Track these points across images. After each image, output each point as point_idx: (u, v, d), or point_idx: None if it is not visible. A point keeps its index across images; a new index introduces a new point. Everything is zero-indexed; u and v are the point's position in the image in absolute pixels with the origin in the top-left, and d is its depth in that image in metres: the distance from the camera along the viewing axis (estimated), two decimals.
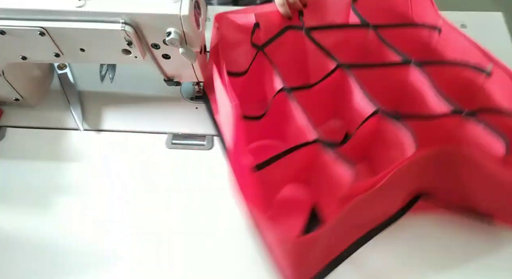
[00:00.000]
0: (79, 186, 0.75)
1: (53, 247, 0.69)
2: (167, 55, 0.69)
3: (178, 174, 0.76)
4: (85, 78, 0.86)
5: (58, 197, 0.73)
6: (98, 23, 0.63)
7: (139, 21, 0.63)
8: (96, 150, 0.78)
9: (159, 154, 0.78)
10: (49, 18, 0.64)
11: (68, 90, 0.84)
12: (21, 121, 0.81)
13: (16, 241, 0.69)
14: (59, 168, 0.76)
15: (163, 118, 0.82)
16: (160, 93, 0.84)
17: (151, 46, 0.67)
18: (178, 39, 0.63)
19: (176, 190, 0.74)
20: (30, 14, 0.63)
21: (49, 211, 0.72)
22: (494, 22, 0.96)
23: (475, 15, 0.97)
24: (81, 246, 0.69)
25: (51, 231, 0.70)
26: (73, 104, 0.82)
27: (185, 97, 0.84)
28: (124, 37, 0.64)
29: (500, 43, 0.93)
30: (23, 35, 0.65)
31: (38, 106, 0.83)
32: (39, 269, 0.67)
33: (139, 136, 0.80)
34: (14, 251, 0.68)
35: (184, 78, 0.78)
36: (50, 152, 0.78)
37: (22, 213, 0.72)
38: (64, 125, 0.81)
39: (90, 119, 0.81)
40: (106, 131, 0.81)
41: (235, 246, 0.69)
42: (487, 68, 0.70)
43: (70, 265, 0.67)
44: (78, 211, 0.72)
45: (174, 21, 0.62)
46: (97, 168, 0.76)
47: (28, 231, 0.70)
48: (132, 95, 0.85)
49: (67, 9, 0.63)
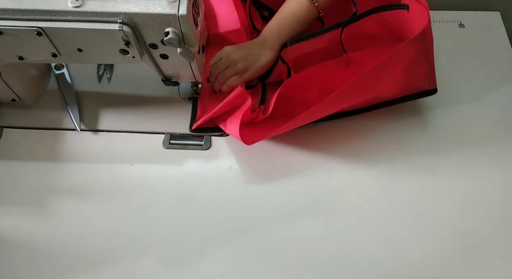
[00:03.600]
0: (76, 186, 0.74)
1: (48, 247, 0.69)
2: (165, 55, 0.69)
3: (176, 174, 0.76)
4: (83, 78, 0.86)
5: (54, 198, 0.73)
6: (96, 23, 0.63)
7: (137, 21, 0.63)
8: (93, 150, 0.78)
9: (156, 154, 0.78)
10: (46, 18, 0.63)
11: (65, 91, 0.84)
12: (18, 122, 0.81)
13: (11, 241, 0.69)
14: (56, 168, 0.76)
15: (161, 118, 0.81)
16: (158, 93, 0.84)
17: (149, 46, 0.67)
18: (176, 39, 0.63)
19: (174, 190, 0.74)
20: (27, 14, 0.63)
21: (45, 212, 0.72)
22: (491, 22, 0.96)
23: (472, 14, 0.98)
24: (77, 247, 0.69)
25: (47, 231, 0.70)
26: (70, 104, 0.82)
27: (183, 97, 0.84)
28: (122, 37, 0.63)
29: (498, 42, 0.93)
30: (20, 35, 0.65)
31: (35, 106, 0.83)
32: (35, 270, 0.67)
33: (136, 136, 0.80)
34: (9, 252, 0.68)
35: (182, 78, 0.78)
36: (47, 152, 0.78)
37: (18, 214, 0.72)
38: (61, 126, 0.80)
39: (87, 119, 0.81)
40: (104, 132, 0.80)
41: (234, 245, 0.69)
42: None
43: (67, 266, 0.67)
44: (75, 211, 0.72)
45: (172, 21, 0.62)
46: (94, 168, 0.76)
47: (24, 231, 0.70)
48: (130, 95, 0.84)
49: (64, 9, 0.62)
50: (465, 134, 0.80)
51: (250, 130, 0.76)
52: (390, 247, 0.70)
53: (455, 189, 0.75)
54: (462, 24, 0.96)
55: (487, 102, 0.85)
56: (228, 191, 0.75)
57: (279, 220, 0.72)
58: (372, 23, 0.77)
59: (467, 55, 0.90)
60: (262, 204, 0.73)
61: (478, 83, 0.86)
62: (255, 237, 0.70)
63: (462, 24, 0.96)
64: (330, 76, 0.76)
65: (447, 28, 0.95)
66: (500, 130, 0.81)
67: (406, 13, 0.75)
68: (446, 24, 0.96)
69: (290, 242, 0.70)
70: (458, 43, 0.92)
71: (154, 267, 0.67)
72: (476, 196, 0.74)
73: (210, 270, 0.67)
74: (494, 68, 0.90)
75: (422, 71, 0.77)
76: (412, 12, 0.74)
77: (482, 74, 0.88)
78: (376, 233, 0.71)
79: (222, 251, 0.69)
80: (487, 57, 0.91)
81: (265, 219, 0.72)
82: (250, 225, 0.71)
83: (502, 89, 0.87)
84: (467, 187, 0.75)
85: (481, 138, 0.80)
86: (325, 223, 0.72)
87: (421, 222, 0.72)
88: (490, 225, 0.72)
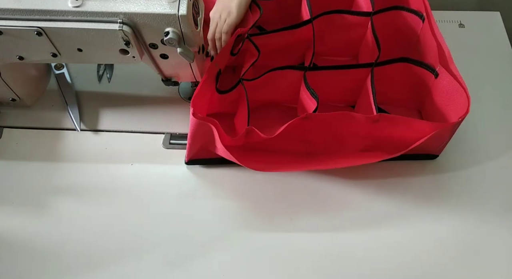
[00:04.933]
0: (76, 186, 0.74)
1: (48, 247, 0.69)
2: (165, 55, 0.69)
3: (176, 174, 0.76)
4: (83, 78, 0.86)
5: (54, 197, 0.73)
6: (96, 23, 0.63)
7: (137, 21, 0.63)
8: (93, 150, 0.78)
9: (156, 154, 0.78)
10: (46, 18, 0.63)
11: (65, 90, 0.84)
12: (18, 122, 0.81)
13: (11, 241, 0.69)
14: (56, 168, 0.76)
15: (160, 118, 0.81)
16: (158, 93, 0.84)
17: (149, 46, 0.67)
18: (176, 39, 0.63)
19: (174, 190, 0.74)
20: (27, 14, 0.63)
21: (45, 212, 0.72)
22: (491, 22, 0.97)
23: (472, 14, 0.98)
24: (77, 247, 0.69)
25: (47, 231, 0.70)
26: (70, 104, 0.82)
27: (183, 97, 0.84)
28: (122, 37, 0.63)
29: (498, 42, 0.93)
30: (20, 35, 0.65)
31: (35, 106, 0.83)
32: (35, 270, 0.67)
33: (136, 136, 0.80)
34: (8, 252, 0.68)
35: (182, 78, 0.78)
36: (47, 152, 0.77)
37: (18, 214, 0.72)
38: (61, 126, 0.80)
39: (87, 119, 0.81)
40: (104, 131, 0.80)
41: (234, 244, 0.69)
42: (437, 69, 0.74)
43: (67, 266, 0.67)
44: (75, 211, 0.72)
45: (172, 21, 0.62)
46: (94, 168, 0.76)
47: (24, 231, 0.70)
48: (130, 95, 0.84)
49: (65, 9, 0.62)
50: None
51: (252, 155, 0.73)
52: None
53: None
54: (462, 24, 0.96)
55: (487, 102, 0.85)
56: (228, 191, 0.75)
57: (279, 220, 0.72)
58: (399, 73, 0.77)
59: (467, 55, 0.90)
60: (261, 204, 0.73)
61: (478, 83, 0.86)
62: (255, 236, 0.70)
63: (462, 24, 0.96)
64: (351, 127, 0.70)
65: (447, 28, 0.95)
66: (500, 130, 0.81)
67: (433, 78, 0.75)
68: (446, 24, 0.96)
69: (290, 242, 0.70)
70: (458, 43, 0.92)
71: (154, 267, 0.67)
72: None
73: (210, 270, 0.67)
74: (494, 68, 0.90)
75: (440, 144, 0.75)
76: (450, 91, 0.72)
77: (482, 74, 0.89)
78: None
79: (222, 251, 0.69)
80: (487, 57, 0.91)
81: (265, 219, 0.72)
82: (250, 225, 0.71)
83: (502, 89, 0.87)
84: None
85: (480, 138, 0.81)
86: (324, 221, 0.72)
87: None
88: None
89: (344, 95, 0.82)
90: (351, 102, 0.83)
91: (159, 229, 0.70)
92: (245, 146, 0.73)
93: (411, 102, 0.83)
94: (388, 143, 0.73)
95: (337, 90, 0.80)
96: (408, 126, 0.69)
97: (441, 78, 0.73)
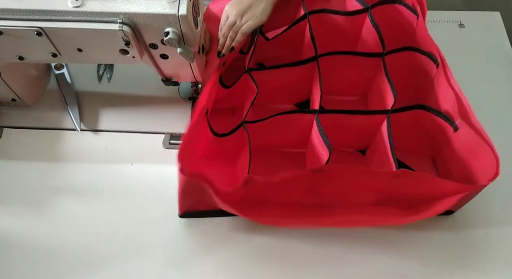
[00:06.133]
0: (76, 186, 0.74)
1: (48, 247, 0.69)
2: (165, 55, 0.69)
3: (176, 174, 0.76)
4: (83, 78, 0.86)
5: (54, 197, 0.73)
6: (96, 23, 0.63)
7: (137, 21, 0.63)
8: (93, 150, 0.78)
9: (156, 154, 0.78)
10: (46, 18, 0.63)
11: (65, 90, 0.84)
12: (18, 122, 0.81)
13: (11, 241, 0.69)
14: (56, 168, 0.76)
15: (160, 118, 0.81)
16: (158, 93, 0.84)
17: (149, 46, 0.67)
18: (176, 39, 0.63)
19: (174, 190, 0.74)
20: (27, 14, 0.63)
21: (45, 212, 0.72)
22: (491, 22, 0.97)
23: (473, 14, 0.98)
24: (77, 247, 0.69)
25: (47, 231, 0.70)
26: (70, 104, 0.82)
27: (183, 97, 0.84)
28: (122, 37, 0.63)
29: (498, 42, 0.93)
30: (20, 35, 0.65)
31: (35, 106, 0.83)
32: (35, 270, 0.67)
33: (136, 136, 0.80)
34: (8, 252, 0.68)
35: (182, 78, 0.78)
36: (47, 152, 0.77)
37: (18, 214, 0.72)
38: (61, 126, 0.80)
39: (87, 119, 0.81)
40: (104, 132, 0.80)
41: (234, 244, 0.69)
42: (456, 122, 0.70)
43: (67, 266, 0.67)
44: (75, 211, 0.72)
45: (172, 21, 0.62)
46: (95, 168, 0.76)
47: (24, 231, 0.70)
48: (130, 95, 0.84)
49: (64, 9, 0.62)
50: None
51: (255, 207, 0.68)
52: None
53: None
54: (462, 24, 0.96)
55: (487, 102, 0.85)
56: None
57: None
58: (414, 120, 0.73)
59: (467, 55, 0.90)
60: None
61: (478, 83, 0.86)
62: (255, 236, 0.70)
63: (462, 24, 0.96)
64: (368, 181, 0.66)
65: (447, 28, 0.95)
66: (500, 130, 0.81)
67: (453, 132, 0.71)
68: (446, 24, 0.96)
69: (290, 242, 0.70)
70: (458, 43, 0.92)
71: (154, 267, 0.67)
72: None
73: (210, 269, 0.67)
74: (494, 68, 0.90)
75: (462, 204, 0.71)
76: (472, 147, 0.67)
77: (482, 74, 0.89)
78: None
79: (222, 251, 0.69)
80: (487, 57, 0.91)
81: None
82: (250, 224, 0.71)
83: (502, 89, 0.87)
84: None
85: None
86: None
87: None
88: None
89: (354, 140, 0.78)
90: (362, 147, 0.79)
91: (159, 228, 0.70)
92: (246, 199, 0.67)
93: (424, 150, 0.79)
94: (405, 199, 0.68)
95: (348, 134, 0.76)
96: (433, 185, 0.65)
97: (462, 131, 0.69)
